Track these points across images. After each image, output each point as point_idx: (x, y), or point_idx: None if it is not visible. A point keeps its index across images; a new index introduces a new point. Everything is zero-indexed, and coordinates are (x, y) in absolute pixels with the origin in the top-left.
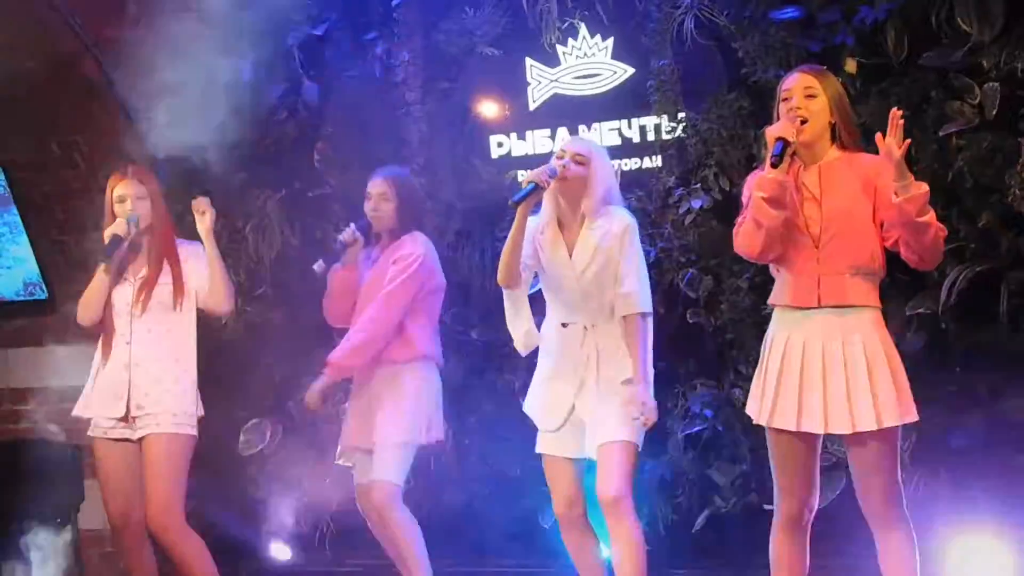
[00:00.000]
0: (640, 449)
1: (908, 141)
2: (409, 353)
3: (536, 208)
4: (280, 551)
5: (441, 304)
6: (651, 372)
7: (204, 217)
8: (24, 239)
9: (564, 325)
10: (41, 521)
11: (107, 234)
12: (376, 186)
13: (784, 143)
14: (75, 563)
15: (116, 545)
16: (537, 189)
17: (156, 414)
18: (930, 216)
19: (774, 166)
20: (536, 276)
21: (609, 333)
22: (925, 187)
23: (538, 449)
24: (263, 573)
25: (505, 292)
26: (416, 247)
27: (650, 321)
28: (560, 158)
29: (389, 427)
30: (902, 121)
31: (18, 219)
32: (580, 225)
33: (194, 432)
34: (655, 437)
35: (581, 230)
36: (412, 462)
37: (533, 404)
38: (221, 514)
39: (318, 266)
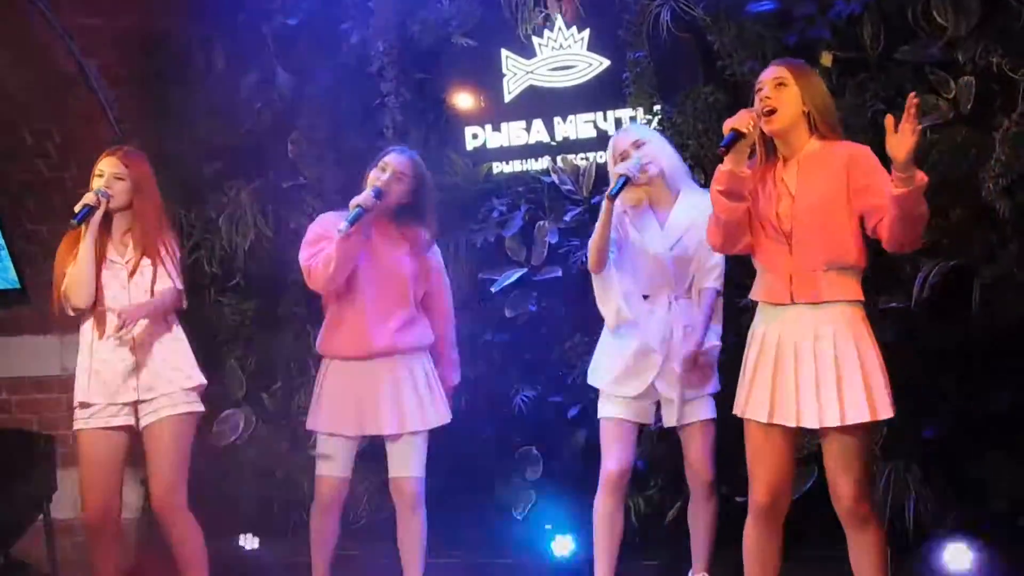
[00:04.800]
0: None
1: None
2: (427, 340)
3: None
4: (252, 541)
5: None
6: (718, 345)
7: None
8: None
9: (645, 297)
10: (14, 510)
11: (78, 206)
12: (398, 163)
13: (736, 133)
14: (48, 553)
15: (90, 541)
16: (628, 182)
17: (168, 394)
18: (924, 207)
19: (720, 157)
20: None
21: (691, 308)
22: (924, 178)
23: (604, 414)
24: (235, 563)
25: (594, 276)
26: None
27: (720, 300)
28: (624, 158)
29: (419, 415)
30: (917, 101)
31: None
32: (672, 197)
33: (201, 407)
34: None
35: (674, 205)
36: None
37: (611, 371)
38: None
39: (343, 227)
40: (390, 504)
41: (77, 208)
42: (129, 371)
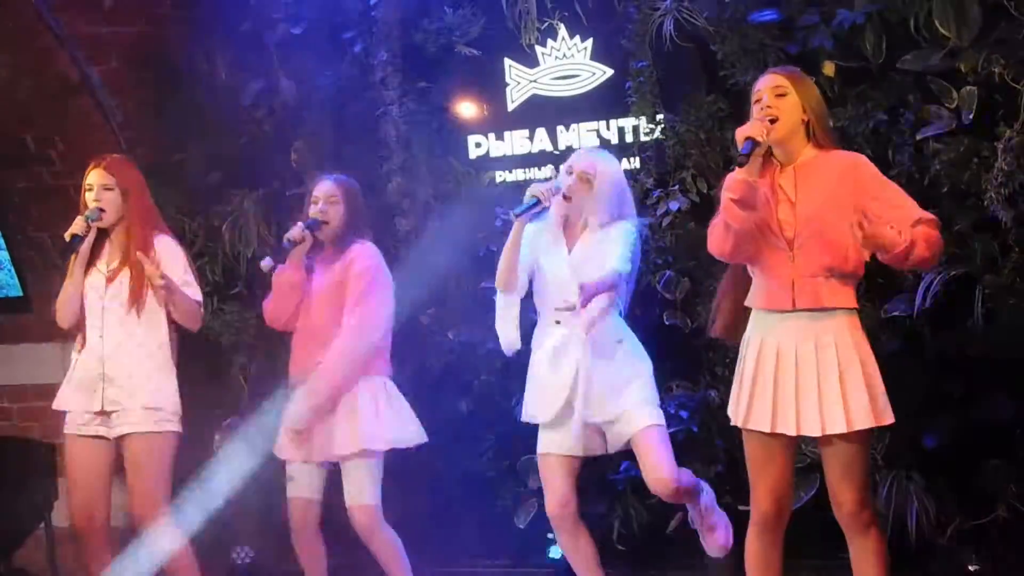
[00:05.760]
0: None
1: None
2: (369, 366)
3: (540, 215)
4: (252, 549)
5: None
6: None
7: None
8: None
9: (558, 322)
10: (15, 518)
11: (67, 234)
12: (324, 189)
13: (752, 142)
14: (49, 560)
15: (79, 546)
16: (538, 204)
17: (131, 410)
18: (920, 251)
19: (740, 165)
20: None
21: (603, 332)
22: (907, 242)
23: (538, 448)
24: (234, 572)
25: (499, 295)
26: (370, 259)
27: (620, 280)
28: (569, 173)
29: (360, 440)
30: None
31: None
32: (583, 229)
33: (177, 429)
34: None
35: (584, 233)
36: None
37: (529, 399)
38: (195, 512)
39: (266, 263)
40: (391, 514)
41: (67, 236)
42: (95, 381)
